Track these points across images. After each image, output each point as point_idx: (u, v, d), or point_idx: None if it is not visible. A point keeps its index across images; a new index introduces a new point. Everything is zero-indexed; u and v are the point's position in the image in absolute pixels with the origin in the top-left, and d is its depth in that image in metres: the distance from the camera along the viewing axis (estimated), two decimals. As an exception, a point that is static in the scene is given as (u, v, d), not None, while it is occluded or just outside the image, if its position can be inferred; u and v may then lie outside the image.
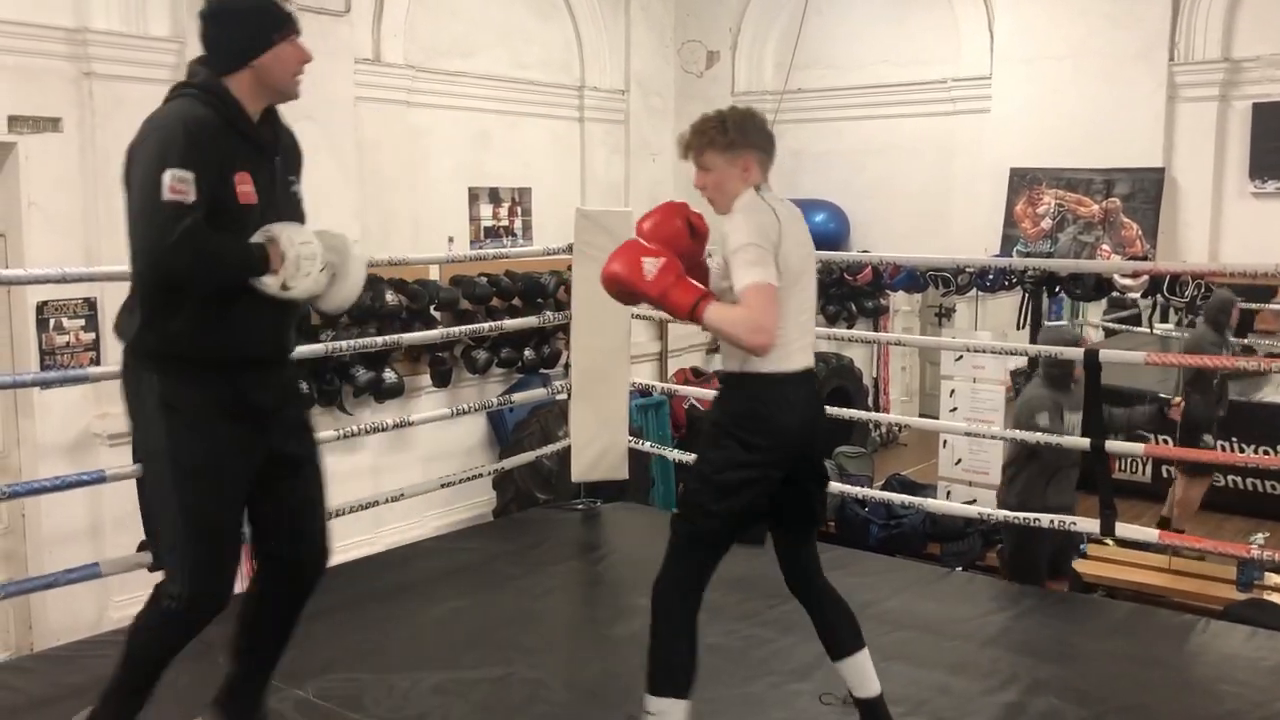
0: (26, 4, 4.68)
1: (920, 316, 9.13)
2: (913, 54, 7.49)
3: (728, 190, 2.85)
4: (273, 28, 2.54)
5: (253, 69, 2.51)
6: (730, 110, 2.92)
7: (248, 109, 2.54)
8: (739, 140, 2.83)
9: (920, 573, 4.89)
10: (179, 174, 2.33)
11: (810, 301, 2.89)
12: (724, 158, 2.83)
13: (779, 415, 2.81)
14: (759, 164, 2.85)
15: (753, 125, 2.89)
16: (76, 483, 3.95)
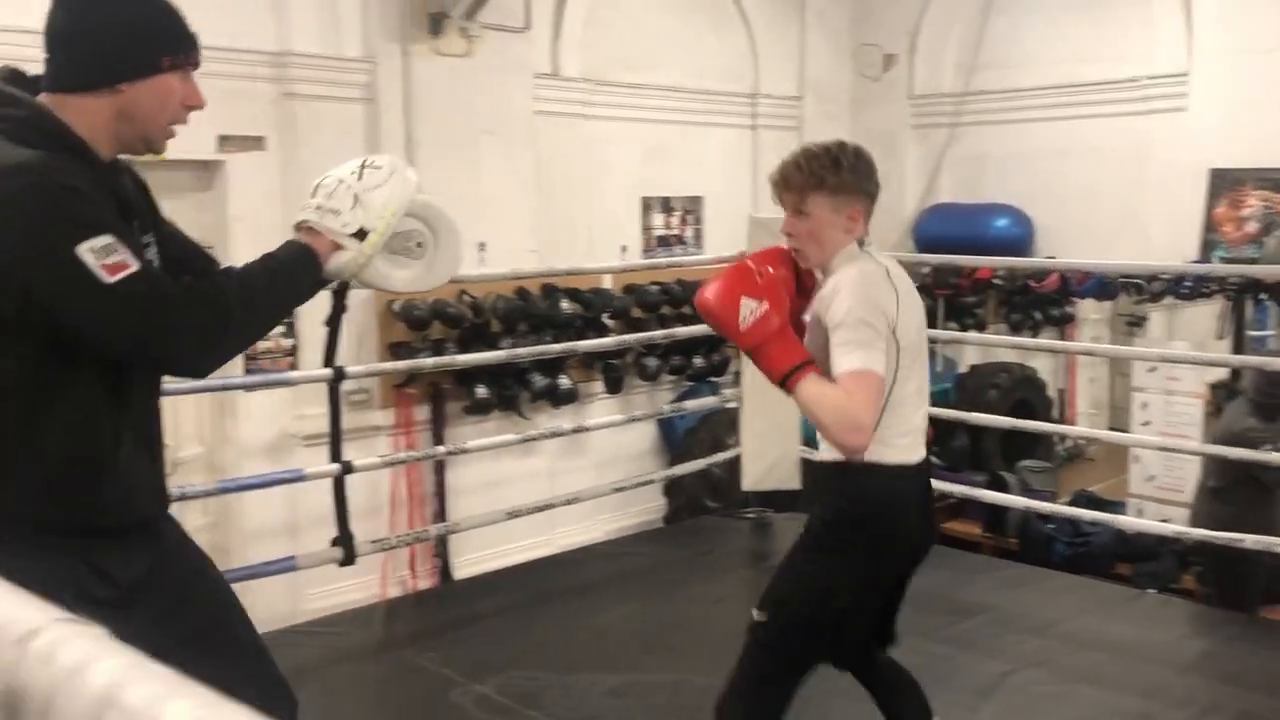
0: (234, 31, 5.00)
1: (1110, 325, 8.72)
2: (1102, 51, 7.18)
3: (826, 243, 2.38)
4: (165, 45, 1.80)
5: (116, 95, 1.75)
6: (840, 144, 2.44)
7: (97, 150, 1.75)
8: (852, 183, 2.37)
9: (1109, 593, 4.68)
10: (95, 245, 1.61)
11: (925, 380, 2.46)
12: (831, 202, 2.35)
13: (898, 517, 2.39)
14: (865, 214, 2.41)
15: (865, 166, 2.42)
16: (277, 480, 4.19)
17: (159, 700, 0.44)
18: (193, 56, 1.85)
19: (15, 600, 0.53)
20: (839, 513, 2.42)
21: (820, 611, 2.41)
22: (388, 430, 5.53)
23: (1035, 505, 5.27)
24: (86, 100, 1.75)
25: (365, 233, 1.94)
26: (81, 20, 1.77)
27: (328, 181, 1.99)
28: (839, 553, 2.39)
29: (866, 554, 2.38)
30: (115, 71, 1.75)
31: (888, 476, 2.37)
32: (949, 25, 7.84)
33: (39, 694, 0.48)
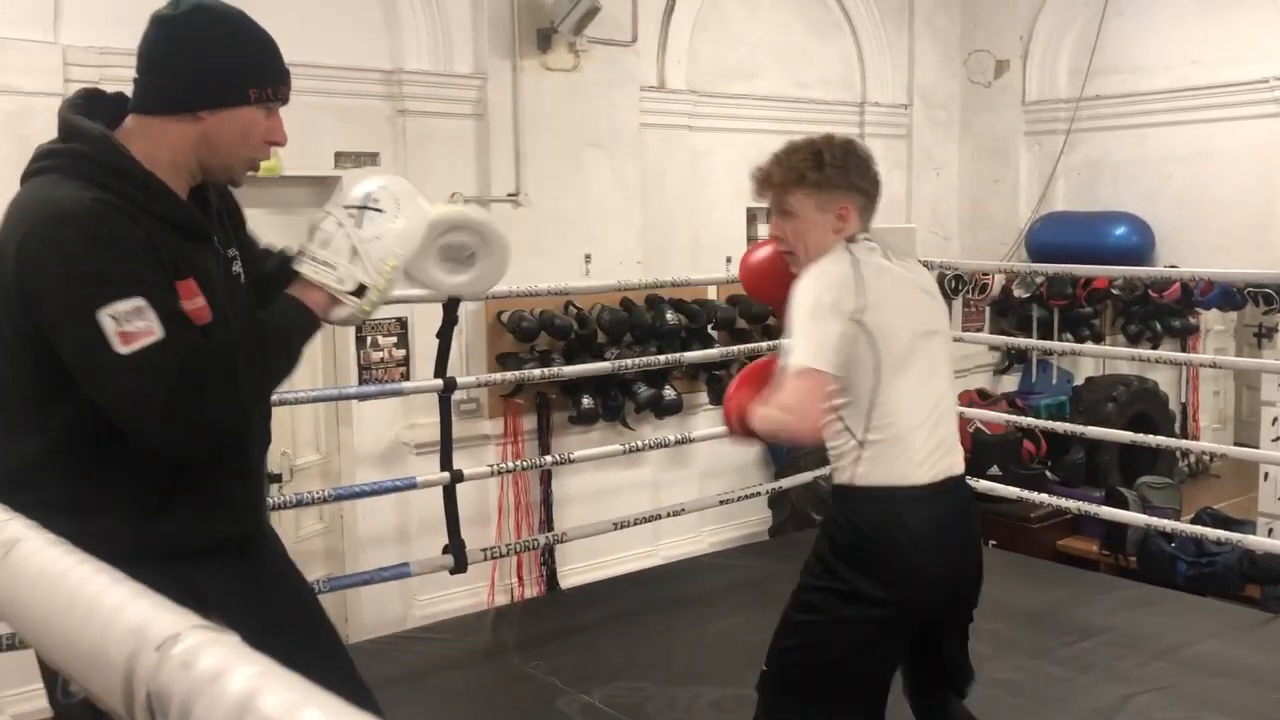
0: (351, 50, 5.14)
1: (1236, 337, 8.39)
2: (1227, 52, 6.91)
3: (813, 244, 2.24)
4: (254, 78, 1.76)
5: (197, 123, 1.72)
6: (826, 138, 2.31)
7: (169, 179, 1.71)
8: (837, 179, 2.23)
9: (1237, 616, 4.50)
10: (118, 310, 1.57)
11: (939, 387, 2.23)
12: (814, 200, 2.23)
13: (902, 550, 2.10)
14: (859, 211, 2.25)
15: (856, 160, 2.28)
16: (391, 488, 4.28)
17: (294, 709, 0.46)
18: (281, 92, 1.81)
19: (153, 605, 0.55)
20: (829, 541, 2.19)
21: (817, 660, 2.18)
22: (496, 439, 5.61)
23: (1156, 522, 5.09)
24: (168, 124, 1.73)
25: (364, 289, 1.83)
26: (172, 43, 1.74)
27: (327, 225, 1.87)
28: (828, 589, 2.16)
29: (860, 591, 2.12)
30: (199, 98, 1.72)
31: (886, 499, 2.12)
32: (1064, 29, 7.64)
33: (179, 700, 0.50)
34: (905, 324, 2.17)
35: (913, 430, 2.14)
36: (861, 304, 2.10)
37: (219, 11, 1.78)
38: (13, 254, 1.62)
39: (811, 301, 2.09)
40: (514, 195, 5.58)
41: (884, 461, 2.12)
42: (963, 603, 2.30)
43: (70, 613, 0.59)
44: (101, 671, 0.55)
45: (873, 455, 2.13)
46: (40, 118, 4.33)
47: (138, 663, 0.53)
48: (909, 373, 2.15)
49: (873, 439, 2.13)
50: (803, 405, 2.02)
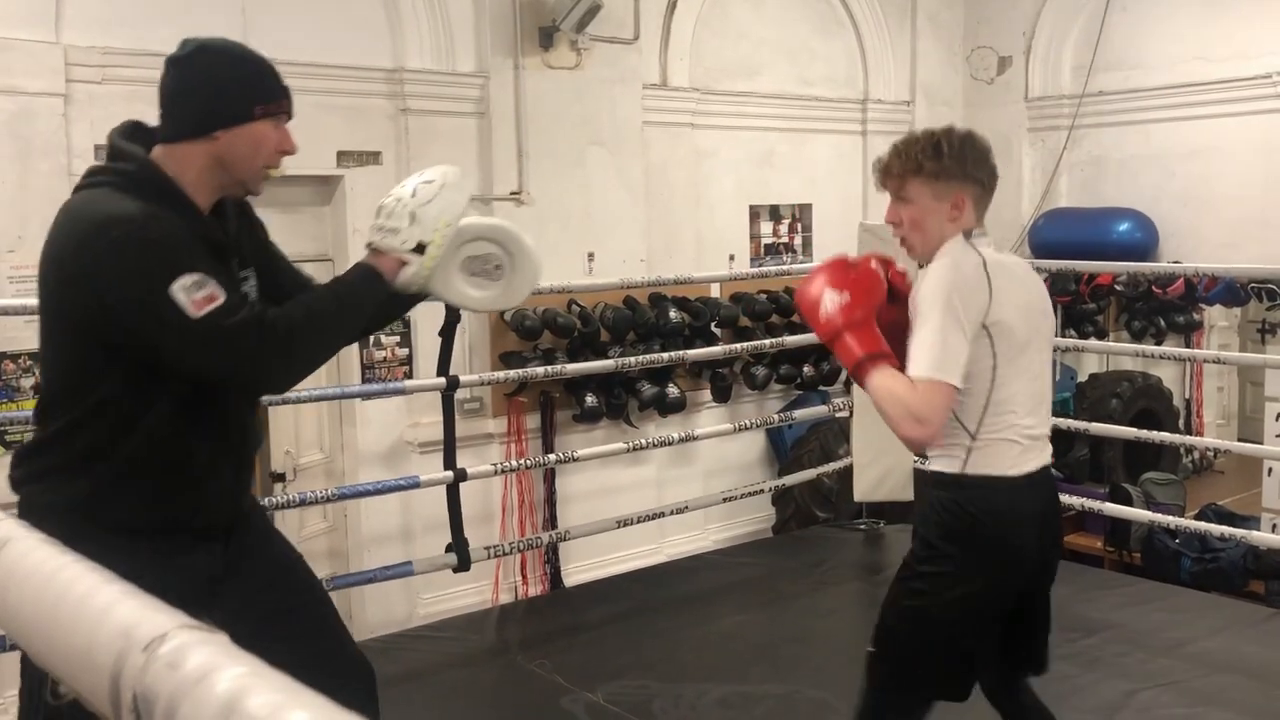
0: (353, 50, 5.14)
1: (1240, 333, 8.36)
2: (1231, 48, 6.89)
3: (929, 231, 2.29)
4: (257, 96, 1.97)
5: (213, 143, 1.94)
6: (946, 130, 2.36)
7: (194, 196, 1.94)
8: (954, 169, 2.27)
9: (1241, 612, 4.49)
10: (186, 283, 1.80)
11: (1042, 380, 2.31)
12: (931, 189, 2.27)
13: (1008, 533, 2.24)
14: (975, 202, 2.30)
15: (974, 151, 2.32)
16: (395, 487, 4.28)
17: (280, 709, 0.45)
18: (283, 105, 2.02)
19: (142, 605, 0.55)
20: (941, 528, 2.29)
21: (928, 638, 2.28)
22: (499, 438, 5.61)
23: (1161, 519, 5.08)
24: (189, 148, 1.94)
25: (424, 246, 2.04)
26: (183, 79, 1.97)
27: (388, 201, 2.09)
28: (939, 574, 2.27)
29: (969, 572, 2.24)
30: (212, 120, 1.94)
31: (993, 488, 2.24)
32: (1067, 25, 7.62)
33: (165, 699, 0.50)
34: (1021, 318, 2.24)
35: (1018, 426, 2.24)
36: (986, 303, 2.17)
37: (220, 46, 2.03)
38: (72, 253, 1.87)
39: (944, 301, 2.15)
40: (517, 193, 5.58)
41: (991, 454, 2.23)
42: (1049, 581, 2.43)
43: (59, 613, 0.59)
44: (89, 672, 0.55)
45: (982, 448, 2.24)
46: (42, 118, 4.34)
47: (125, 663, 0.52)
48: (1020, 370, 2.23)
49: (983, 433, 2.24)
50: (932, 419, 2.13)
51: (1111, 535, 6.34)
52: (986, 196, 2.35)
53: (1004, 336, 2.19)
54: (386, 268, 2.05)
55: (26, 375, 4.35)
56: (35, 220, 4.36)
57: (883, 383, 2.17)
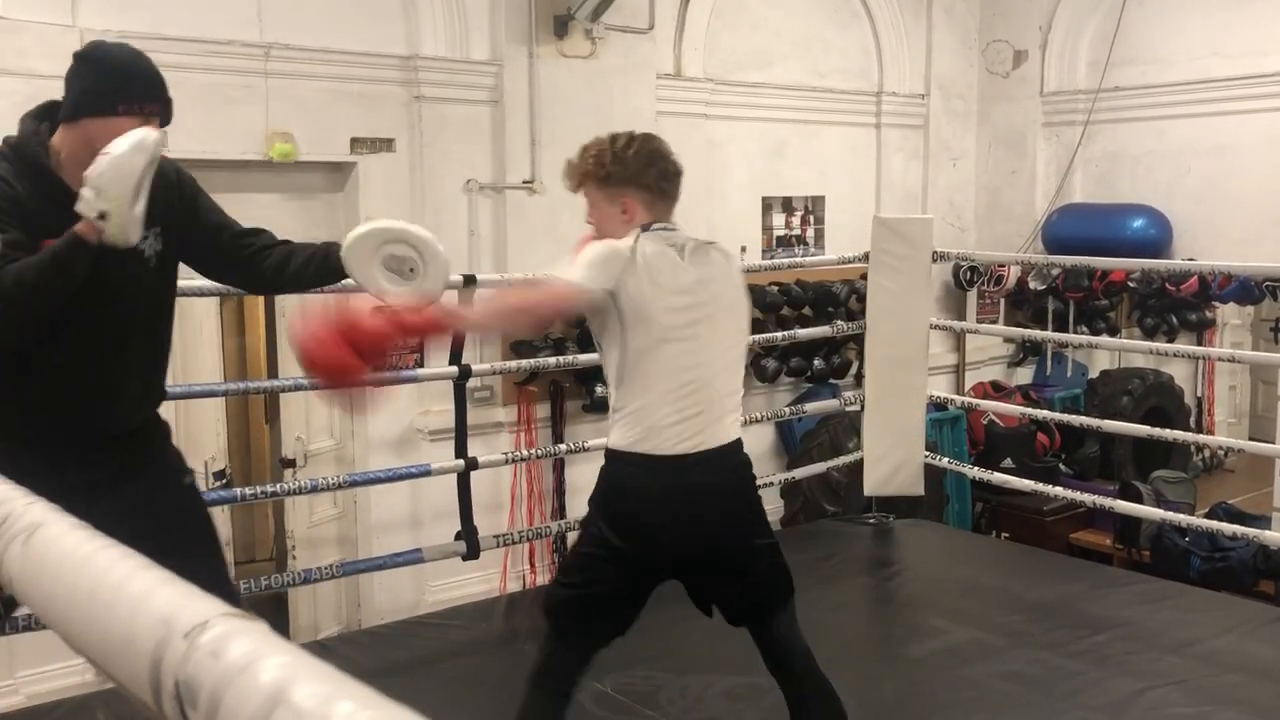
0: (367, 36, 5.14)
1: (1253, 331, 8.33)
2: (1248, 44, 6.85)
3: (607, 230, 2.52)
4: (122, 96, 2.30)
5: (83, 128, 2.31)
6: (614, 138, 2.56)
7: (69, 167, 2.30)
8: (616, 175, 2.48)
9: (1251, 611, 4.48)
10: None
11: (701, 366, 2.44)
12: (602, 194, 2.51)
13: (631, 505, 2.44)
14: (644, 205, 2.49)
15: (635, 159, 2.50)
16: (405, 475, 4.29)
17: (328, 700, 0.45)
18: (147, 109, 2.33)
19: (181, 592, 0.55)
20: (592, 496, 2.56)
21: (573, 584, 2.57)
22: (509, 427, 5.62)
23: (1171, 517, 5.06)
24: (67, 129, 2.34)
25: (105, 214, 2.21)
26: (71, 73, 2.35)
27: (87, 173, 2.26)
28: (584, 530, 2.57)
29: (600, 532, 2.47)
30: (79, 110, 2.32)
31: (622, 463, 2.43)
32: (1083, 20, 7.58)
33: (208, 689, 0.49)
34: (670, 302, 2.39)
35: (661, 405, 2.39)
36: (617, 272, 2.36)
37: (110, 49, 2.42)
38: None
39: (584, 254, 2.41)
40: (529, 182, 5.57)
41: (628, 431, 2.40)
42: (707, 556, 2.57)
43: (95, 599, 0.59)
44: (128, 659, 0.54)
45: (621, 424, 2.43)
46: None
47: (166, 651, 0.52)
48: (666, 352, 2.39)
49: (619, 410, 2.43)
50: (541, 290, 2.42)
51: (1121, 533, 6.33)
52: (657, 197, 2.52)
53: (635, 316, 2.36)
54: (86, 232, 2.22)
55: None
56: (49, 203, 4.37)
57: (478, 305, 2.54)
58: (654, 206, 2.51)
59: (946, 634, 2.70)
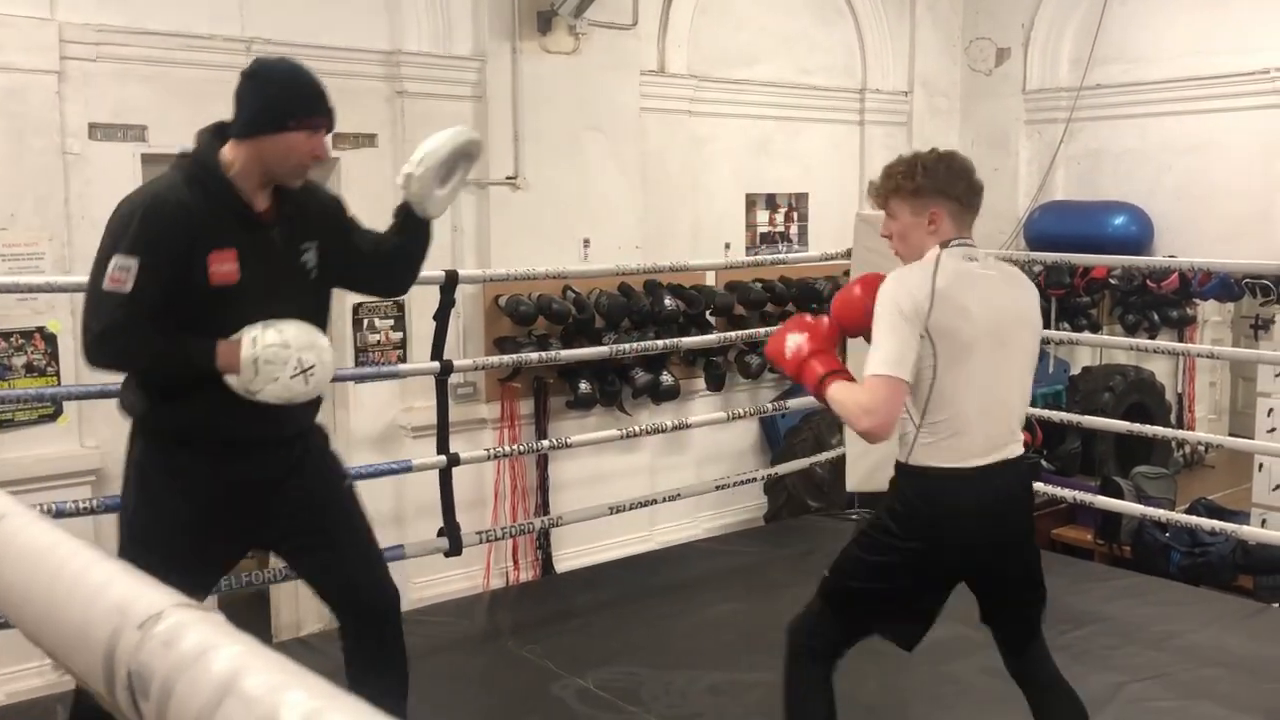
0: (350, 31, 5.11)
1: (1233, 328, 8.38)
2: (1229, 43, 6.88)
3: (912, 243, 2.59)
4: (291, 112, 2.44)
5: (256, 144, 2.43)
6: (925, 154, 2.66)
7: (241, 181, 2.45)
8: (926, 186, 2.56)
9: (1230, 606, 4.51)
10: (121, 262, 2.31)
11: (1001, 383, 2.53)
12: (909, 205, 2.57)
13: (942, 517, 2.50)
14: (950, 216, 2.56)
15: (945, 170, 2.59)
16: (388, 471, 4.27)
17: (278, 689, 0.45)
18: (315, 121, 2.47)
19: (135, 583, 0.54)
20: (887, 506, 2.62)
21: (862, 585, 2.59)
22: (492, 423, 5.60)
23: (1151, 512, 5.09)
24: (239, 145, 2.44)
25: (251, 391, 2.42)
26: (242, 89, 2.47)
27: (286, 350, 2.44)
28: (876, 537, 2.59)
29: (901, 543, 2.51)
30: (252, 128, 2.43)
31: (929, 477, 2.49)
32: (1065, 18, 7.61)
33: (160, 679, 0.49)
34: (971, 321, 2.45)
35: (965, 420, 2.46)
36: (926, 303, 2.41)
37: (276, 66, 2.55)
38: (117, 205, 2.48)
39: (890, 299, 2.44)
40: (513, 178, 5.56)
41: (934, 447, 2.47)
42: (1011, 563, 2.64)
43: (54, 589, 0.58)
44: (84, 649, 0.54)
45: (926, 442, 2.49)
46: (36, 94, 4.31)
47: (120, 641, 0.52)
48: (966, 367, 2.44)
49: (926, 428, 2.48)
50: (878, 409, 2.39)
51: (1102, 528, 6.36)
52: (963, 209, 2.59)
53: (945, 341, 2.41)
54: (226, 365, 2.40)
55: (18, 354, 4.33)
56: (28, 198, 4.33)
57: (838, 391, 2.51)
58: (959, 219, 2.58)
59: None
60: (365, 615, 2.72)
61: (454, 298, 4.15)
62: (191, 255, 2.36)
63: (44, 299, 4.26)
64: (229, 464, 2.47)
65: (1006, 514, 2.57)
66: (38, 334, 4.35)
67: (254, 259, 2.43)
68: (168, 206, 2.36)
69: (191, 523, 2.43)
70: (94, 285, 2.34)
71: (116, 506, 3.60)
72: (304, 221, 2.55)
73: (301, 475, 2.60)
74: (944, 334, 2.41)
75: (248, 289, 2.41)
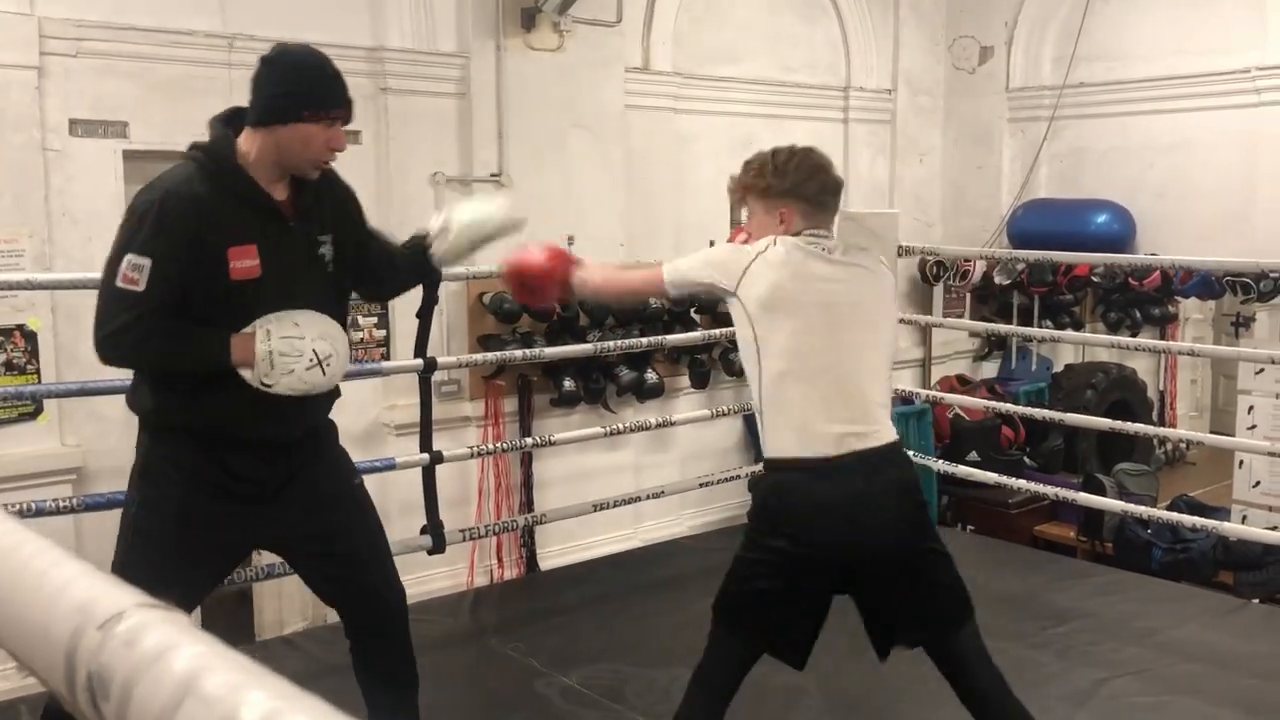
0: (332, 27, 5.08)
1: (1214, 326, 8.43)
2: (1210, 42, 6.92)
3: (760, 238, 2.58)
4: (306, 104, 2.37)
5: (272, 134, 2.37)
6: (780, 151, 2.64)
7: (258, 171, 2.39)
8: (776, 186, 2.56)
9: (1210, 602, 4.54)
10: (134, 260, 2.25)
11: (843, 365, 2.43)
12: (761, 204, 2.58)
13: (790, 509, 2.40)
14: (801, 215, 2.54)
15: (796, 170, 2.58)
16: (369, 469, 4.25)
17: (238, 689, 0.44)
18: (333, 113, 2.40)
19: (99, 583, 0.54)
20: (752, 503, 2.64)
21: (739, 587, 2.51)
22: (476, 421, 5.59)
23: (1133, 509, 5.12)
24: (254, 134, 2.38)
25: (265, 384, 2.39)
26: (259, 79, 2.41)
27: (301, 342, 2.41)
28: (748, 540, 2.53)
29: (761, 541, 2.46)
30: (267, 117, 2.37)
31: (780, 470, 2.44)
32: (1048, 17, 7.64)
33: (120, 679, 0.48)
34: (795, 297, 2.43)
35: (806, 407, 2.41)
36: (738, 272, 2.46)
37: (295, 54, 2.45)
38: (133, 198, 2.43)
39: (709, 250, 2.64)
40: (496, 175, 5.55)
41: (778, 437, 2.43)
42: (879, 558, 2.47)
43: (15, 588, 0.58)
44: (44, 650, 0.53)
45: (770, 433, 2.46)
46: (15, 89, 4.28)
47: (80, 641, 0.51)
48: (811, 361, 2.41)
49: (768, 420, 2.46)
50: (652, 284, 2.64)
51: (1084, 525, 6.39)
52: (817, 209, 2.58)
53: (761, 311, 2.42)
54: (241, 359, 2.36)
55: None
56: (7, 194, 4.30)
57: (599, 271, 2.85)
58: (811, 218, 2.56)
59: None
60: (375, 616, 2.68)
61: (438, 295, 4.13)
62: (210, 251, 2.31)
63: (24, 296, 4.23)
64: (237, 462, 2.43)
65: (859, 513, 2.39)
66: (17, 331, 4.32)
67: (274, 253, 2.39)
68: (183, 203, 2.30)
69: (195, 518, 2.38)
70: (107, 283, 2.29)
71: (98, 505, 3.61)
72: (320, 212, 2.51)
73: (311, 475, 2.56)
74: (758, 302, 2.41)
75: (268, 283, 2.37)
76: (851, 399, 2.42)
